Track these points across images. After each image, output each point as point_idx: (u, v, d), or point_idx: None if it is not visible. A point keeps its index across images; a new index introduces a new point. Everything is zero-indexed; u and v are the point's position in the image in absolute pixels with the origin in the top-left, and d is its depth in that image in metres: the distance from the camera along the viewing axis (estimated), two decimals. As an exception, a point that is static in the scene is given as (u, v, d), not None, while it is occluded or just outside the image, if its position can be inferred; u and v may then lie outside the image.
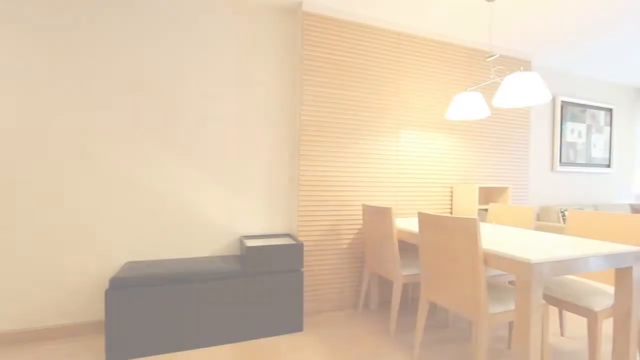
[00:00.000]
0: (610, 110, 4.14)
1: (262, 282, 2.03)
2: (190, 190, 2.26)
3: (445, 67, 2.85)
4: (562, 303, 1.69)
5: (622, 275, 1.56)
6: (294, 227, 2.43)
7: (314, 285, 2.44)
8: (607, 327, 2.28)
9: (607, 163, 4.16)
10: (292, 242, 2.18)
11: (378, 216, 2.20)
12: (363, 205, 2.40)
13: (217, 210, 2.32)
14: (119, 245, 2.11)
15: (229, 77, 2.35)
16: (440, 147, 2.84)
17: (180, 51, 2.22)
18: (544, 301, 1.56)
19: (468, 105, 2.17)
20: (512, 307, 1.55)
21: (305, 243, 2.40)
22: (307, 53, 2.36)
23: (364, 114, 2.56)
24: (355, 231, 2.56)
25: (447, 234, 1.60)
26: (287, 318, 2.09)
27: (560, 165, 3.80)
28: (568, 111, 3.84)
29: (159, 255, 2.19)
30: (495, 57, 2.32)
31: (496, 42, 2.97)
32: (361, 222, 2.57)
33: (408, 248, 2.70)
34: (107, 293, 1.74)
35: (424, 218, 1.73)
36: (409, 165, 2.72)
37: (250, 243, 2.17)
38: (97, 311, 2.07)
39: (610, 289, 1.72)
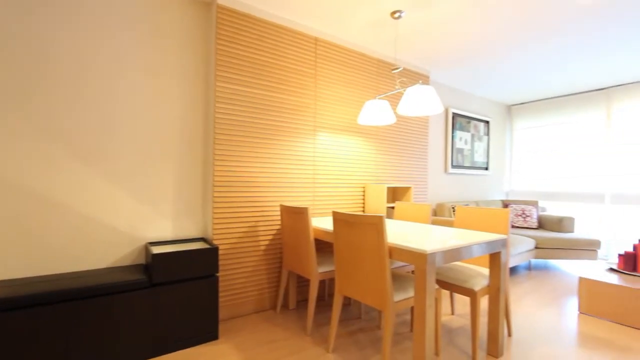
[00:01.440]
0: (488, 122, 4.97)
1: (172, 291, 1.88)
2: (86, 194, 1.95)
3: (358, 74, 3.05)
4: (452, 286, 1.96)
5: (494, 259, 1.88)
6: (209, 230, 2.31)
7: (231, 290, 2.35)
8: (484, 303, 2.73)
9: (485, 166, 4.98)
10: (206, 246, 2.07)
11: (295, 216, 2.24)
12: (281, 205, 2.41)
13: (118, 216, 2.06)
14: (-21, 261, 1.70)
15: (135, 68, 2.11)
16: (354, 150, 3.02)
17: (80, 42, 1.91)
18: (437, 286, 1.79)
19: (377, 112, 2.36)
20: (412, 293, 1.73)
21: (221, 246, 2.30)
22: (222, 48, 2.27)
23: (283, 115, 2.57)
24: (274, 232, 2.55)
25: (358, 231, 1.72)
26: (201, 327, 1.97)
27: (451, 167, 4.41)
28: (457, 121, 4.48)
29: (45, 270, 1.84)
30: (399, 69, 2.58)
31: (401, 56, 3.29)
32: (279, 222, 2.58)
33: (324, 246, 2.81)
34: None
35: (337, 217, 1.83)
36: (326, 167, 2.83)
37: (157, 250, 1.99)
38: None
39: (486, 271, 2.06)
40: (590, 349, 2.00)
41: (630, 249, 3.84)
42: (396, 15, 2.43)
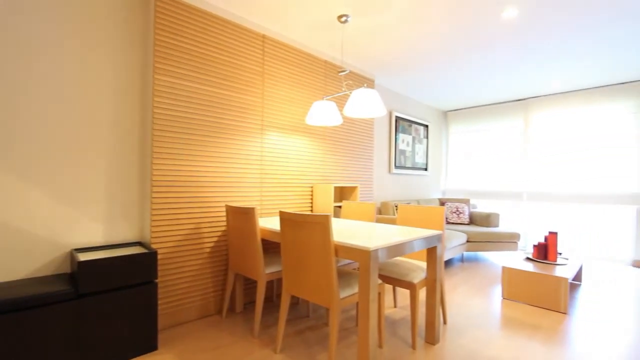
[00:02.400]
0: (427, 126, 5.33)
1: (103, 302, 1.71)
2: (-12, 194, 1.69)
3: (306, 75, 3.07)
4: (394, 280, 2.06)
5: (431, 253, 2.03)
6: (147, 233, 2.15)
7: (172, 296, 2.22)
8: (423, 294, 2.92)
9: (425, 167, 5.34)
10: (143, 250, 1.92)
11: (242, 216, 2.18)
12: (227, 206, 2.33)
13: (33, 220, 1.82)
14: None
15: (58, 45, 1.88)
16: (302, 150, 3.03)
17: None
18: (380, 281, 1.88)
19: (324, 113, 2.40)
20: (357, 289, 1.79)
21: (160, 250, 2.15)
22: (161, 39, 2.13)
23: (229, 112, 2.49)
24: (219, 233, 2.46)
25: (305, 230, 1.73)
26: (138, 338, 1.83)
27: (395, 168, 4.65)
28: (400, 124, 4.74)
29: None
30: (345, 72, 2.65)
31: (347, 59, 3.39)
32: (225, 223, 2.49)
33: (272, 246, 2.78)
34: None
35: (284, 216, 1.82)
36: (273, 166, 2.80)
37: (85, 257, 1.80)
38: None
39: (424, 265, 2.21)
40: (510, 329, 2.25)
41: (543, 240, 4.40)
42: (343, 19, 2.50)
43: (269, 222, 2.38)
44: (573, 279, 3.36)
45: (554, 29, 2.71)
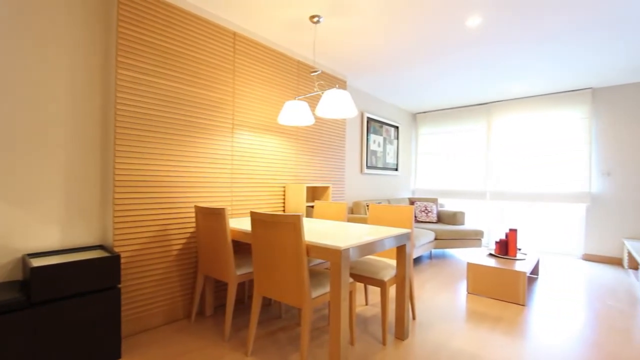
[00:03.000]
0: (397, 127, 5.47)
1: (59, 310, 1.60)
2: None
3: (279, 74, 3.05)
4: (365, 278, 2.10)
5: (400, 251, 2.08)
6: (109, 236, 2.04)
7: (137, 301, 2.12)
8: (393, 291, 2.99)
9: (395, 167, 5.47)
10: (105, 254, 1.83)
11: (212, 217, 2.13)
12: (196, 206, 2.27)
13: (-20, 223, 1.68)
14: None
15: (9, 47, 1.74)
16: (274, 149, 3.01)
17: None
18: (351, 279, 1.90)
19: (296, 112, 2.40)
20: (329, 289, 1.81)
21: (124, 254, 2.05)
22: (124, 32, 2.03)
23: (198, 110, 2.42)
24: (188, 235, 2.39)
25: (276, 230, 1.72)
26: (99, 347, 1.73)
27: (366, 168, 4.73)
28: (372, 125, 4.83)
29: None
30: (318, 72, 2.66)
31: (320, 60, 3.40)
32: (194, 224, 2.42)
33: (243, 247, 2.73)
34: None
35: (255, 217, 1.80)
36: (245, 166, 2.76)
37: (38, 262, 1.68)
38: None
39: (394, 263, 2.27)
40: (474, 322, 2.36)
41: (504, 237, 4.65)
42: (315, 19, 2.50)
43: (240, 223, 2.34)
44: (531, 273, 3.57)
45: (513, 39, 2.87)
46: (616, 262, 4.19)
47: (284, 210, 3.10)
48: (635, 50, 3.11)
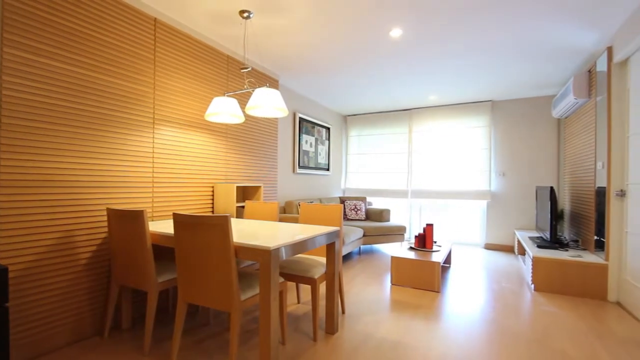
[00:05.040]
0: (329, 128, 5.63)
1: None
2: None
3: (207, 68, 2.89)
4: (296, 277, 2.11)
5: (330, 249, 2.15)
6: (-9, 247, 1.71)
7: (33, 321, 1.81)
8: (324, 288, 3.07)
9: (327, 167, 5.63)
10: (-14, 269, 1.52)
11: (128, 221, 1.93)
12: (108, 209, 2.03)
13: None
14: None
15: None
16: (201, 147, 2.85)
17: None
18: (282, 279, 1.90)
19: (225, 109, 2.30)
20: (259, 290, 1.78)
21: (13, 267, 1.73)
22: (13, 3, 1.72)
23: (110, 101, 2.17)
24: (99, 241, 2.12)
25: (202, 232, 1.63)
26: (-26, 382, 1.43)
27: (299, 168, 4.78)
28: (304, 126, 4.88)
29: None
30: (248, 69, 2.60)
31: (251, 57, 3.33)
32: (107, 229, 2.16)
33: (165, 252, 2.53)
34: None
35: (178, 219, 1.68)
36: (168, 164, 2.56)
37: None
38: None
39: (324, 260, 2.33)
40: (398, 311, 2.55)
41: (422, 231, 5.12)
42: (245, 15, 2.44)
43: (162, 226, 2.16)
44: (444, 262, 4.00)
45: (428, 53, 3.18)
46: (509, 249, 4.93)
47: (212, 211, 2.95)
48: (525, 70, 3.70)
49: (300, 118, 4.76)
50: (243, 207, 3.15)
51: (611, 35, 2.77)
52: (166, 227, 2.13)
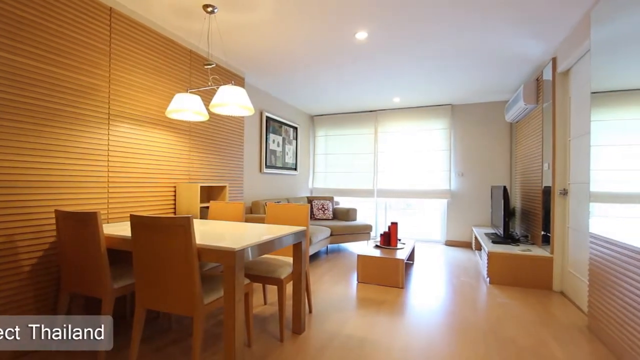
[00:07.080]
0: (296, 128, 5.61)
1: None
2: None
3: (168, 63, 2.77)
4: (262, 278, 2.09)
5: (296, 248, 2.14)
6: None
7: (-38, 338, 1.63)
8: (290, 288, 3.06)
9: (294, 167, 5.61)
10: None
11: (79, 223, 1.80)
12: (56, 211, 1.88)
13: None
14: None
15: None
16: (162, 145, 2.72)
17: None
18: (248, 280, 1.87)
19: (188, 106, 2.22)
20: (223, 292, 1.73)
21: (-59, 277, 1.55)
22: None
23: (60, 95, 2.01)
24: (46, 246, 1.96)
25: (162, 235, 1.56)
26: None
27: (266, 167, 4.72)
28: (271, 125, 4.84)
29: None
30: (212, 66, 2.52)
31: (216, 53, 3.23)
32: (55, 233, 2.00)
33: (122, 256, 2.39)
34: None
35: (136, 221, 1.60)
36: (126, 163, 2.42)
37: None
38: None
39: (291, 260, 2.32)
40: (363, 308, 2.61)
41: (387, 230, 5.27)
42: (209, 9, 2.37)
43: (119, 229, 2.04)
44: (408, 259, 4.14)
45: (392, 57, 3.27)
46: (468, 245, 5.21)
47: (175, 212, 2.84)
48: (481, 77, 3.92)
49: (267, 117, 4.71)
50: (207, 207, 3.05)
51: (556, 47, 3.02)
52: (123, 229, 2.01)
